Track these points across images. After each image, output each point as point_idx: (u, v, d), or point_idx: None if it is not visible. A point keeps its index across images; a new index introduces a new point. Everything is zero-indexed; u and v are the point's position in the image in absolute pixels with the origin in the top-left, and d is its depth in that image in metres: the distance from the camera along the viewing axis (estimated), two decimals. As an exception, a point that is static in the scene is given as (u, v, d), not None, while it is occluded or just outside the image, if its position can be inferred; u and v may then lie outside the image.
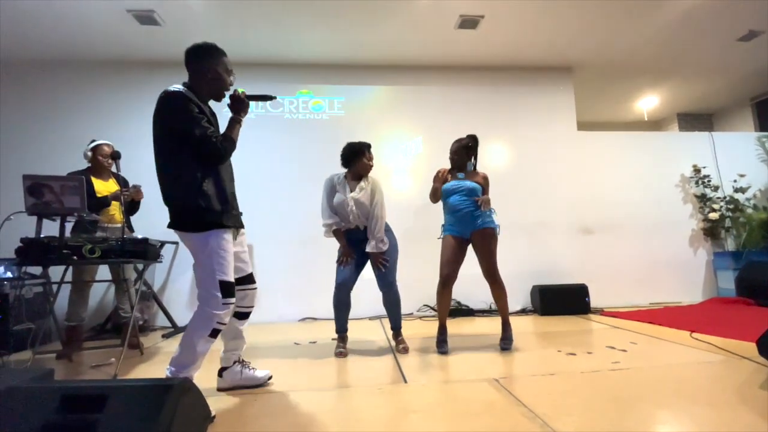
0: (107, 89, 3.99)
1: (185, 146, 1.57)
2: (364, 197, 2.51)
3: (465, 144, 2.62)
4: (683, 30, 3.84)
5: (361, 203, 2.50)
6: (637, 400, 1.60)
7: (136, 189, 2.80)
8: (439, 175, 2.53)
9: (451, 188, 2.53)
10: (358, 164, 2.57)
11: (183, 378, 1.07)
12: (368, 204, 2.52)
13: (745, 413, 1.43)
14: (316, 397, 1.73)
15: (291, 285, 3.88)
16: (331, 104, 4.28)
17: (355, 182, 2.58)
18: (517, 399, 1.62)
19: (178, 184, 1.59)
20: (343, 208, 2.52)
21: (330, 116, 4.26)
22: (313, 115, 4.25)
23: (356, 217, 2.51)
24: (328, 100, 4.28)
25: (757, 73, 4.77)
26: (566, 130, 4.48)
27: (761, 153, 4.81)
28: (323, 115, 4.26)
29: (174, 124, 1.59)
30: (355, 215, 2.51)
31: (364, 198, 2.51)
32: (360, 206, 2.50)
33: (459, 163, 2.61)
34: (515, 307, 4.01)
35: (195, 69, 1.76)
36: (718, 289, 4.42)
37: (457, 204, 2.49)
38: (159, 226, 3.61)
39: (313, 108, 4.26)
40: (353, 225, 2.54)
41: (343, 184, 2.58)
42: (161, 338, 3.16)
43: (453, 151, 2.63)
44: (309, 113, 4.25)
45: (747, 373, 1.86)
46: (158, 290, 3.74)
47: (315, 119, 4.24)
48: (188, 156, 1.58)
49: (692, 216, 4.58)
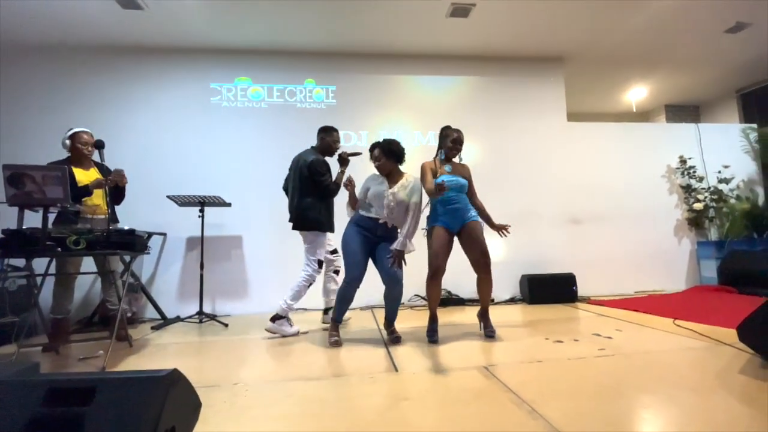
0: (89, 76, 3.87)
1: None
2: (402, 194, 2.47)
3: (460, 138, 2.62)
4: (672, 21, 3.86)
5: (399, 200, 2.46)
6: (621, 385, 1.64)
7: (119, 174, 2.65)
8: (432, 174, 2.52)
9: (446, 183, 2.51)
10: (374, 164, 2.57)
11: (171, 370, 1.06)
12: (407, 201, 2.46)
13: (725, 397, 1.47)
14: (309, 386, 1.74)
15: (282, 275, 3.84)
16: (327, 93, 4.23)
17: (391, 180, 2.54)
18: (506, 386, 1.65)
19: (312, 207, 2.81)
20: (380, 199, 2.48)
21: (327, 105, 4.21)
22: (315, 104, 4.19)
23: (391, 212, 2.47)
24: (325, 89, 4.22)
25: (744, 65, 4.83)
26: (556, 121, 4.50)
27: (745, 144, 4.91)
28: (321, 104, 4.20)
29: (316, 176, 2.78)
30: (391, 210, 2.47)
31: (403, 195, 2.47)
32: (398, 203, 2.46)
33: (454, 155, 2.63)
34: (504, 296, 4.07)
35: (322, 138, 3.02)
36: (701, 278, 4.54)
37: (451, 199, 2.51)
38: (146, 217, 3.61)
39: (316, 97, 4.20)
40: (382, 219, 2.50)
41: (381, 178, 2.56)
42: (150, 330, 3.13)
43: (454, 140, 2.61)
44: (313, 102, 4.19)
45: (728, 358, 1.91)
46: (147, 282, 3.70)
47: (314, 108, 4.18)
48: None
49: (677, 206, 4.67)
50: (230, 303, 3.76)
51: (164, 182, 3.73)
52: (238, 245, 3.87)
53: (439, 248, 2.45)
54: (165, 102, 3.94)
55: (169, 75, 3.98)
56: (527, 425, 1.30)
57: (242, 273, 3.83)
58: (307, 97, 4.17)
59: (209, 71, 4.04)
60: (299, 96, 4.17)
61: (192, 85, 4.00)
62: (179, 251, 3.78)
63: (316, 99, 4.19)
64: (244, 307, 3.77)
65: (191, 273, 3.67)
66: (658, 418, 1.37)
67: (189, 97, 3.98)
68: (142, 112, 3.90)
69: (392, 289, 2.47)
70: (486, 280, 2.52)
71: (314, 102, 4.18)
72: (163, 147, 3.88)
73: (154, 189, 3.68)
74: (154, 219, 3.67)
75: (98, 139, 2.54)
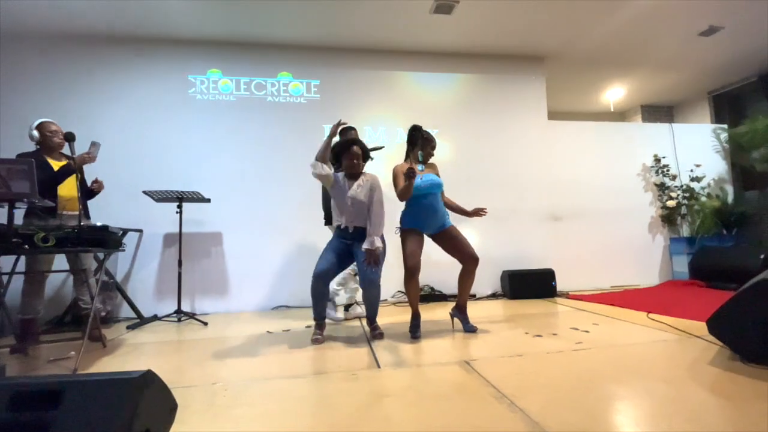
0: (60, 65, 3.70)
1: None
2: (361, 194, 2.50)
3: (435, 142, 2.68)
4: (649, 24, 3.96)
5: (357, 201, 2.49)
6: (598, 378, 1.68)
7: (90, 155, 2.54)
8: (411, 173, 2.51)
9: (424, 185, 2.52)
10: (344, 162, 2.56)
11: (144, 371, 1.03)
12: (366, 202, 2.50)
13: (695, 388, 1.53)
14: (290, 384, 1.72)
15: (263, 272, 3.81)
16: (309, 87, 4.16)
17: (351, 180, 2.55)
18: (486, 380, 1.67)
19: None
20: (341, 205, 2.51)
21: (307, 100, 4.15)
22: (293, 98, 4.12)
23: (351, 216, 2.50)
24: (305, 83, 4.16)
25: (716, 67, 5.00)
26: (537, 119, 4.56)
27: (716, 144, 5.09)
28: (301, 98, 4.14)
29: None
30: (351, 214, 2.49)
31: (362, 196, 2.50)
32: (357, 204, 2.49)
33: (431, 157, 2.67)
34: (486, 291, 4.12)
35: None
36: (673, 273, 4.70)
37: (429, 202, 2.53)
38: (121, 213, 3.49)
39: (293, 91, 4.13)
40: (344, 225, 2.52)
41: (344, 180, 2.56)
42: (126, 330, 3.04)
43: (433, 145, 2.65)
44: (289, 96, 4.12)
45: (698, 350, 1.99)
46: (122, 280, 3.58)
47: (293, 103, 4.12)
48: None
49: (652, 203, 4.82)
50: (210, 301, 3.69)
51: (141, 177, 3.62)
52: (217, 242, 3.79)
53: (414, 248, 2.49)
54: (142, 94, 3.81)
55: (145, 66, 3.84)
56: (506, 419, 1.31)
57: (222, 270, 3.76)
58: (281, 90, 4.09)
59: (187, 62, 3.92)
60: (270, 89, 4.07)
61: (169, 76, 3.88)
62: (156, 248, 3.68)
63: (293, 93, 4.11)
64: (224, 305, 3.70)
65: (169, 270, 3.58)
66: (632, 408, 1.41)
67: (166, 89, 3.86)
68: (117, 103, 3.76)
69: (368, 292, 2.50)
70: (472, 274, 2.57)
71: (291, 96, 4.11)
72: (140, 140, 3.76)
73: (129, 184, 3.57)
74: (129, 215, 3.56)
75: (68, 131, 2.43)
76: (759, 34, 4.17)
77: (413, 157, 2.60)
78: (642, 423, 1.29)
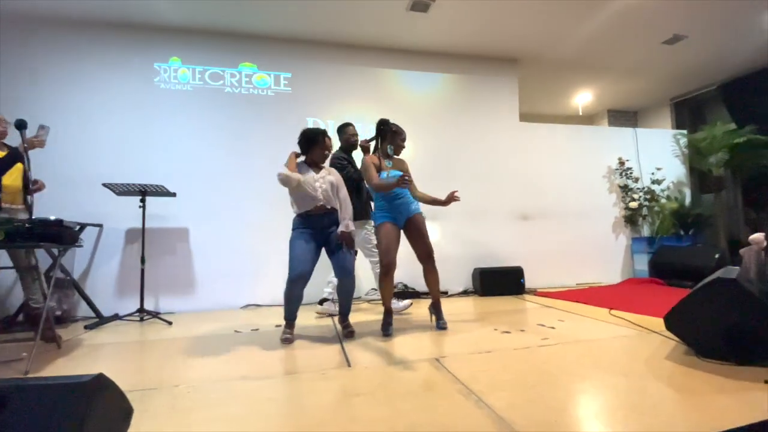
0: (14, 47, 3.45)
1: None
2: (329, 177, 2.53)
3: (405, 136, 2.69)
4: (616, 31, 4.11)
5: (327, 180, 2.51)
6: (562, 373, 1.73)
7: (38, 138, 2.37)
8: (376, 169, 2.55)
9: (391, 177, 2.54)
10: (314, 153, 2.53)
11: (96, 374, 0.97)
12: (334, 182, 2.54)
13: (652, 381, 1.60)
14: (257, 385, 1.68)
15: (231, 270, 3.70)
16: (277, 80, 4.07)
17: (315, 168, 2.55)
18: (456, 377, 1.69)
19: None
20: (311, 184, 2.44)
21: (276, 92, 4.05)
22: (258, 90, 4.01)
23: (325, 194, 2.46)
24: (274, 75, 4.06)
25: (678, 75, 5.25)
26: (509, 120, 4.66)
27: (676, 149, 5.36)
28: (268, 90, 4.04)
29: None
30: (324, 191, 2.46)
31: (330, 178, 2.53)
32: (327, 183, 2.50)
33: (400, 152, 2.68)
34: (457, 288, 4.18)
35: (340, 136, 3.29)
36: (634, 271, 4.92)
37: (397, 194, 2.54)
38: (79, 207, 3.31)
39: (257, 83, 4.02)
40: (319, 203, 2.45)
41: (306, 167, 2.53)
42: (84, 329, 2.88)
43: (403, 138, 2.66)
44: (253, 88, 4.00)
45: (655, 345, 2.08)
46: (80, 277, 3.40)
47: (260, 95, 4.01)
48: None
49: (615, 204, 5.02)
50: (175, 299, 3.55)
51: (101, 169, 3.43)
52: (183, 238, 3.65)
53: (389, 244, 2.48)
54: (103, 81, 3.61)
55: (108, 52, 3.64)
56: (473, 415, 1.33)
57: (188, 267, 3.63)
58: (243, 81, 3.97)
59: (151, 50, 3.75)
60: (229, 79, 3.94)
61: (133, 63, 3.69)
62: (117, 244, 3.51)
63: (258, 84, 4.01)
64: (191, 303, 3.58)
65: (131, 267, 3.42)
66: (594, 403, 1.46)
67: (130, 77, 3.68)
68: (76, 90, 3.55)
69: (344, 281, 2.46)
70: (432, 271, 2.57)
71: (256, 88, 4.00)
72: (101, 130, 3.56)
73: (88, 176, 3.38)
74: (88, 209, 3.37)
75: (20, 118, 2.27)
76: (719, 43, 4.41)
77: (382, 152, 2.60)
78: (602, 417, 1.34)
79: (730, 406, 1.34)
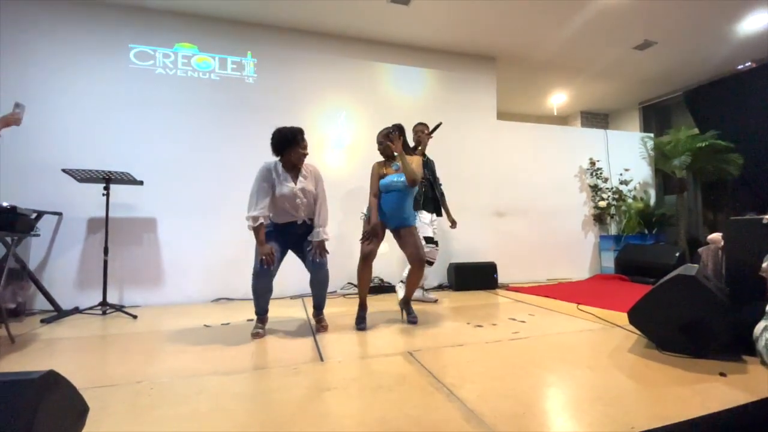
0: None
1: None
2: (310, 185, 2.42)
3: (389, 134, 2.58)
4: (590, 34, 4.21)
5: (308, 191, 2.40)
6: (531, 365, 1.77)
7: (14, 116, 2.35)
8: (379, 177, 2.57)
9: (388, 184, 2.54)
10: (291, 154, 2.37)
11: (45, 371, 0.90)
12: (314, 191, 2.43)
13: (615, 374, 1.65)
14: (225, 381, 1.63)
15: (202, 262, 3.58)
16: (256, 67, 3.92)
17: (293, 173, 2.41)
18: (428, 370, 1.69)
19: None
20: (291, 199, 2.35)
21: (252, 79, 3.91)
22: (232, 76, 3.87)
23: (302, 208, 2.39)
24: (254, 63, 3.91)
25: (646, 80, 5.44)
26: (486, 118, 4.70)
27: (643, 151, 5.57)
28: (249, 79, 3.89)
29: None
30: (302, 205, 2.38)
31: (311, 186, 2.42)
32: (307, 195, 2.40)
33: (387, 153, 2.62)
34: (433, 283, 4.21)
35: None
36: (601, 268, 5.10)
37: (392, 200, 2.54)
38: (35, 193, 3.12)
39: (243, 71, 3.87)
40: (299, 219, 2.40)
41: (284, 174, 2.38)
42: (40, 323, 2.73)
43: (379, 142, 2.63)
44: (233, 75, 3.86)
45: (619, 339, 2.16)
46: (36, 268, 3.20)
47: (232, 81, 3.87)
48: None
49: (585, 203, 5.18)
50: (141, 292, 3.41)
51: (60, 154, 3.24)
52: (151, 228, 3.50)
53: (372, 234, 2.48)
54: (67, 61, 3.38)
55: (74, 30, 3.41)
56: (444, 408, 1.33)
57: (156, 259, 3.48)
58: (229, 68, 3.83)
59: (122, 30, 3.54)
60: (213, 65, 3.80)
61: (102, 43, 3.48)
62: (79, 234, 3.32)
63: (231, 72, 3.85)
64: (158, 296, 3.44)
65: (93, 259, 3.25)
66: (560, 395, 1.50)
67: (98, 58, 3.46)
68: (35, 67, 3.31)
69: (317, 273, 2.41)
70: (417, 274, 2.59)
71: (235, 74, 3.85)
72: (61, 112, 3.34)
73: (47, 161, 3.19)
74: (46, 196, 3.18)
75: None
76: (686, 51, 4.59)
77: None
78: (568, 408, 1.37)
79: (688, 397, 1.40)
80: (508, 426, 1.20)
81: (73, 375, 1.05)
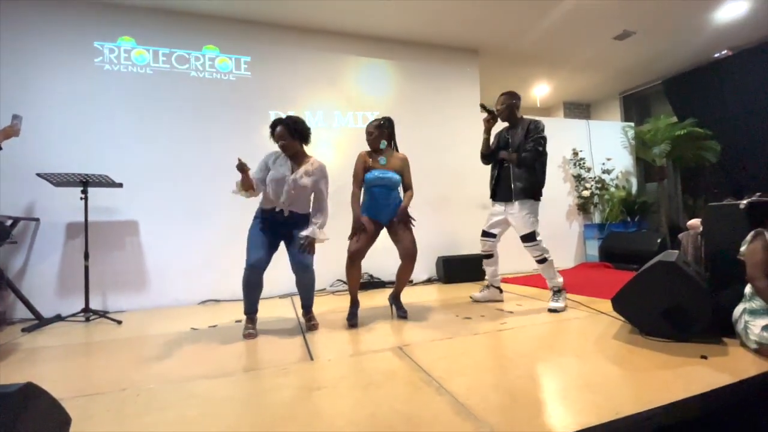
0: None
1: None
2: (307, 180, 2.36)
3: (380, 125, 2.59)
4: (571, 25, 4.24)
5: (300, 185, 2.34)
6: (519, 356, 1.79)
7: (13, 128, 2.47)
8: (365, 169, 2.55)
9: (374, 180, 2.51)
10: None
11: (23, 384, 0.88)
12: (309, 188, 2.38)
13: (601, 361, 1.69)
14: (213, 385, 1.61)
15: (187, 264, 3.52)
16: (237, 63, 3.86)
17: (294, 162, 2.39)
18: (418, 365, 1.70)
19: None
20: (280, 185, 2.31)
21: (236, 77, 3.85)
22: (220, 75, 3.79)
23: (289, 199, 2.33)
24: (234, 59, 3.84)
25: (626, 70, 5.52)
26: (471, 110, 4.70)
27: (624, 140, 5.66)
28: (230, 75, 3.83)
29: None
30: (290, 197, 2.33)
31: (307, 181, 2.36)
32: (298, 189, 2.34)
33: (376, 146, 2.59)
34: (422, 276, 4.23)
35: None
36: (586, 256, 5.19)
37: (379, 195, 2.54)
38: (10, 199, 3.01)
39: (220, 66, 3.79)
40: (278, 208, 2.35)
41: (283, 160, 2.38)
42: (21, 332, 2.65)
43: (369, 132, 2.59)
44: (216, 72, 3.78)
45: (604, 326, 2.20)
46: (15, 276, 3.10)
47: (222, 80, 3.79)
48: None
49: (570, 193, 5.26)
50: (125, 297, 3.33)
51: (35, 158, 3.13)
52: (132, 232, 3.42)
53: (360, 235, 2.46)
54: (36, 59, 3.26)
55: (41, 26, 3.29)
56: (434, 402, 1.34)
57: (139, 263, 3.41)
58: (207, 65, 3.75)
59: (92, 27, 3.43)
60: (194, 63, 3.71)
61: (71, 41, 3.36)
62: (57, 239, 3.23)
63: (220, 69, 3.79)
64: (143, 301, 3.38)
65: (74, 264, 3.16)
66: (547, 384, 1.52)
67: (68, 56, 3.34)
68: (8, 68, 3.18)
69: (302, 276, 2.40)
70: (407, 270, 2.59)
71: (218, 72, 3.78)
72: (34, 114, 3.22)
73: (21, 165, 3.07)
74: (21, 202, 3.08)
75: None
76: (664, 41, 4.66)
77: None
78: (556, 396, 1.40)
79: (671, 380, 1.44)
80: (497, 418, 1.22)
81: (56, 384, 1.03)
